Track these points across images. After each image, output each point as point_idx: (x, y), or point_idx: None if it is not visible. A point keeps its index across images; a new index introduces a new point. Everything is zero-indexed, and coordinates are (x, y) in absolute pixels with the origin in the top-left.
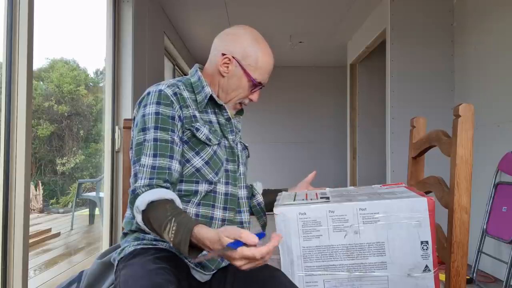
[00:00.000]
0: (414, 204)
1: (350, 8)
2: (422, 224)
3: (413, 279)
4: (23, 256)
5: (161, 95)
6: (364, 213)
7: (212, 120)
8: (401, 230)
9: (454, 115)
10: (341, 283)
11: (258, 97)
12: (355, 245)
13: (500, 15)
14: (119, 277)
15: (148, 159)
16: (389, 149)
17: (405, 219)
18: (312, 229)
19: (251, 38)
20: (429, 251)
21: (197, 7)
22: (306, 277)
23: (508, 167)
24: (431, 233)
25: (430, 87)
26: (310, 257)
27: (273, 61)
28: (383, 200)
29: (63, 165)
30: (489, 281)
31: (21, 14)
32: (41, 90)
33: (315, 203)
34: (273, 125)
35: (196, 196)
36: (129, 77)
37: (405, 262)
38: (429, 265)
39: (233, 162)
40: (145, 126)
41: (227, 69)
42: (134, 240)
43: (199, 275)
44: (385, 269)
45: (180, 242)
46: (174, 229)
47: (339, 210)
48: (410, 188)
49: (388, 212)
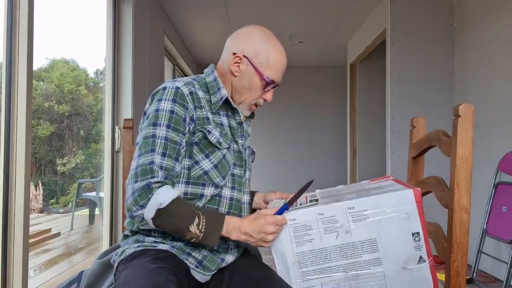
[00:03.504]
0: (401, 197)
1: (350, 8)
2: (411, 216)
3: (409, 272)
4: (23, 256)
5: (178, 93)
6: (353, 211)
7: (224, 123)
8: (391, 224)
9: (454, 115)
10: (338, 284)
11: (272, 97)
12: (347, 244)
13: (500, 15)
14: (119, 278)
15: (159, 157)
16: (389, 149)
17: (393, 213)
18: (303, 233)
19: (262, 36)
20: (421, 242)
21: (197, 7)
22: (304, 282)
23: (508, 167)
24: (421, 224)
25: (430, 87)
26: (305, 262)
27: (285, 60)
28: (370, 197)
29: (63, 166)
30: (489, 281)
31: (21, 14)
32: (41, 90)
33: (304, 208)
34: (273, 125)
35: (201, 199)
36: (129, 77)
37: (399, 255)
38: (423, 255)
39: (240, 167)
40: (157, 122)
41: (239, 68)
42: (135, 242)
43: (199, 276)
44: (380, 265)
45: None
46: (204, 222)
47: (328, 212)
48: (398, 181)
49: (376, 208)
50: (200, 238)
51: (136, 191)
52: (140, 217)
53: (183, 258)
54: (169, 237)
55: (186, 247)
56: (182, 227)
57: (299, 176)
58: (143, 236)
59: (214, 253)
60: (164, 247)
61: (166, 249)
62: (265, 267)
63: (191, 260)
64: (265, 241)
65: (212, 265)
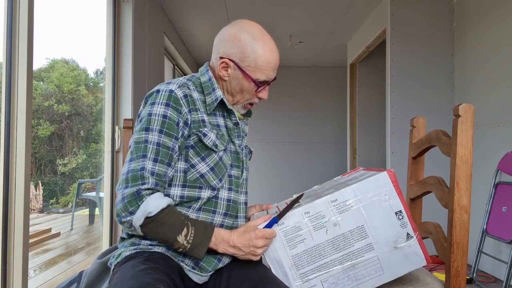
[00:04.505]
0: (377, 180)
1: (350, 8)
2: (391, 196)
3: (400, 250)
4: (23, 256)
5: (172, 97)
6: (336, 204)
7: (220, 124)
8: (374, 208)
9: (454, 115)
10: (337, 277)
11: (267, 94)
12: (338, 236)
13: (500, 15)
14: (112, 281)
15: (150, 163)
16: (389, 149)
17: (374, 197)
18: (294, 235)
19: (248, 38)
20: (405, 219)
21: (197, 7)
22: (304, 284)
23: (508, 167)
24: (402, 202)
25: (430, 87)
26: (302, 263)
27: (276, 55)
28: (349, 187)
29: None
30: (489, 281)
31: (21, 14)
32: (41, 90)
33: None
34: (273, 125)
35: (197, 201)
36: (129, 77)
37: (388, 236)
38: (409, 232)
39: (237, 168)
40: (150, 127)
41: (227, 72)
42: (131, 245)
43: (196, 277)
44: (373, 250)
45: (199, 244)
46: (193, 233)
47: (313, 209)
48: (368, 169)
49: (358, 195)
50: (188, 249)
51: (126, 197)
52: (129, 223)
53: (178, 261)
54: None
55: None
56: (170, 237)
57: (299, 176)
58: (138, 239)
59: (211, 254)
60: (159, 249)
61: (161, 252)
62: (263, 266)
63: (187, 261)
64: (254, 254)
65: (209, 266)
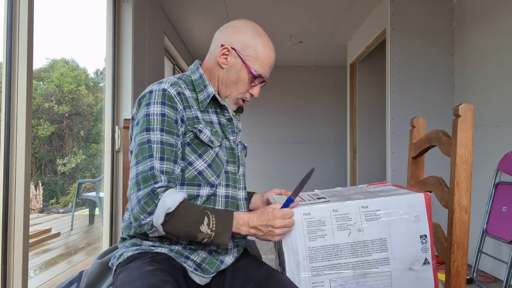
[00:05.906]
0: (412, 200)
1: (350, 8)
2: (421, 218)
3: (414, 273)
4: (23, 256)
5: (166, 95)
6: (366, 210)
7: (213, 120)
8: (401, 225)
9: (454, 115)
10: (346, 281)
11: (259, 92)
12: (359, 242)
13: (499, 15)
14: (117, 281)
15: (158, 162)
16: (389, 149)
17: (405, 215)
18: (316, 229)
19: (252, 30)
20: (428, 245)
21: (197, 7)
22: (313, 277)
23: (508, 167)
24: (429, 227)
25: (430, 87)
26: (316, 257)
27: (274, 55)
28: (384, 198)
29: (63, 166)
30: (489, 281)
31: (21, 14)
32: (41, 90)
33: (318, 203)
34: (273, 125)
35: (197, 200)
36: (129, 77)
37: (406, 256)
38: (428, 258)
39: (233, 164)
40: (150, 127)
41: (226, 60)
42: (132, 245)
43: (198, 278)
44: (388, 265)
45: (222, 231)
46: (214, 220)
47: (342, 209)
48: (397, 185)
49: (389, 209)
50: (212, 237)
51: (142, 198)
52: (149, 225)
53: (181, 262)
54: (167, 240)
55: (184, 251)
56: (192, 228)
57: (299, 176)
58: (140, 240)
59: (213, 255)
60: (162, 250)
61: (164, 252)
62: (266, 266)
63: (189, 263)
64: (272, 234)
65: (211, 267)
